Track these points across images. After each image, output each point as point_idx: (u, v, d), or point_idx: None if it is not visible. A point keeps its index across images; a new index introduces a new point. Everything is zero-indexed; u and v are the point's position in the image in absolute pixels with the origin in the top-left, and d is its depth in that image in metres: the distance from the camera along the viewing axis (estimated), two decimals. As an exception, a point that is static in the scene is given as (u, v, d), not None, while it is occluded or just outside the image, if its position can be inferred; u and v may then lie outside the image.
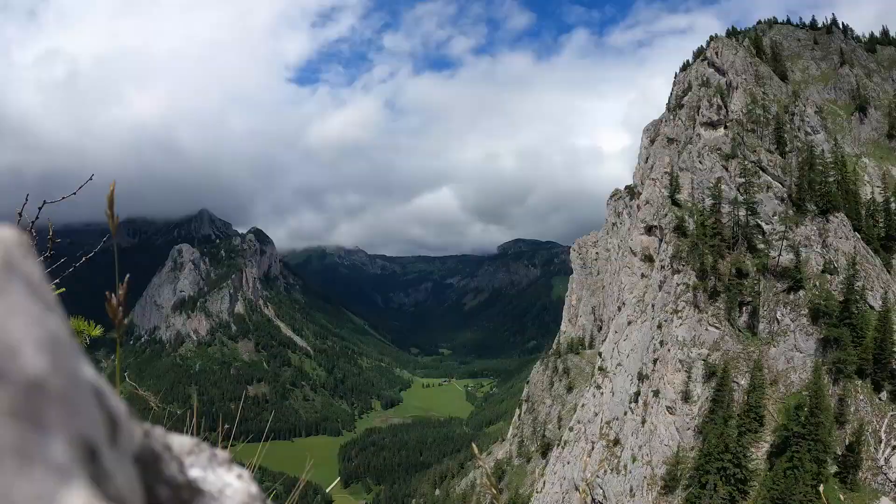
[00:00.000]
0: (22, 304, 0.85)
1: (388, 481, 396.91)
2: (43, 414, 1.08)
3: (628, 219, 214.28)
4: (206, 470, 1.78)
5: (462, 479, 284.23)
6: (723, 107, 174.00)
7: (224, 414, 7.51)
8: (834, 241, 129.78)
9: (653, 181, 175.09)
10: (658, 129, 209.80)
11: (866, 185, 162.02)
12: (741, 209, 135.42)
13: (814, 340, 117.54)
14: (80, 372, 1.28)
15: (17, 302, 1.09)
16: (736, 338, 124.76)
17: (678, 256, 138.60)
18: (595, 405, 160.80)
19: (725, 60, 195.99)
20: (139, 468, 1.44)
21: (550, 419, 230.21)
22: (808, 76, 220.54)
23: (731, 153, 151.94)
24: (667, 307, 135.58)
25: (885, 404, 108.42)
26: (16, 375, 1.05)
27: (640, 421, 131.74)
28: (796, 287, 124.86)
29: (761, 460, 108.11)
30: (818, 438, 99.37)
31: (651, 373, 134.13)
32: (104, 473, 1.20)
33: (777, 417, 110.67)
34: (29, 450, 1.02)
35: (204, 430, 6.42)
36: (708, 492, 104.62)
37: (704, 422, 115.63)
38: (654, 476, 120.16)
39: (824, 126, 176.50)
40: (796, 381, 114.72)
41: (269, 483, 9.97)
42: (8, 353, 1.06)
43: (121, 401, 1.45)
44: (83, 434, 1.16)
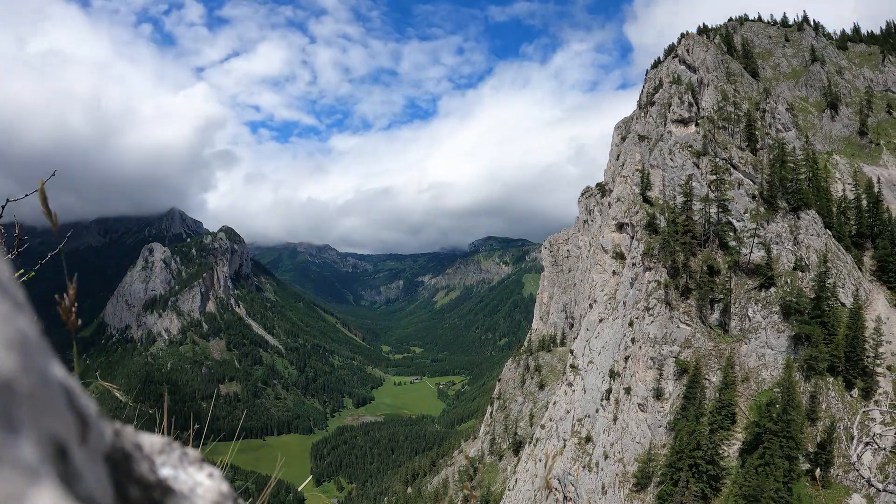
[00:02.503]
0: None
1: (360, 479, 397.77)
2: (12, 414, 1.06)
3: (599, 216, 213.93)
4: (177, 469, 1.78)
5: (434, 477, 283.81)
6: (694, 104, 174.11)
7: (196, 413, 6.90)
8: (805, 238, 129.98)
9: (624, 178, 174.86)
10: (629, 126, 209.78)
11: (837, 183, 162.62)
12: (712, 206, 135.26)
13: (785, 337, 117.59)
14: (50, 371, 1.26)
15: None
16: (707, 335, 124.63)
17: (649, 254, 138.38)
18: (567, 402, 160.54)
19: (697, 58, 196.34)
20: (109, 467, 1.42)
21: (522, 417, 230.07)
22: (779, 73, 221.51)
23: (702, 150, 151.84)
24: (638, 304, 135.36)
25: (856, 401, 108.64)
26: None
27: (612, 418, 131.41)
28: (768, 284, 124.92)
29: (733, 457, 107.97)
30: (790, 435, 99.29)
31: (622, 370, 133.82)
32: (74, 473, 1.18)
33: (749, 414, 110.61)
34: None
35: (175, 429, 6.08)
36: (680, 489, 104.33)
37: (676, 419, 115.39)
38: (626, 473, 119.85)
39: (795, 123, 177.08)
40: (768, 379, 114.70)
41: (240, 481, 9.39)
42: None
43: (91, 400, 1.43)
44: (53, 434, 1.15)
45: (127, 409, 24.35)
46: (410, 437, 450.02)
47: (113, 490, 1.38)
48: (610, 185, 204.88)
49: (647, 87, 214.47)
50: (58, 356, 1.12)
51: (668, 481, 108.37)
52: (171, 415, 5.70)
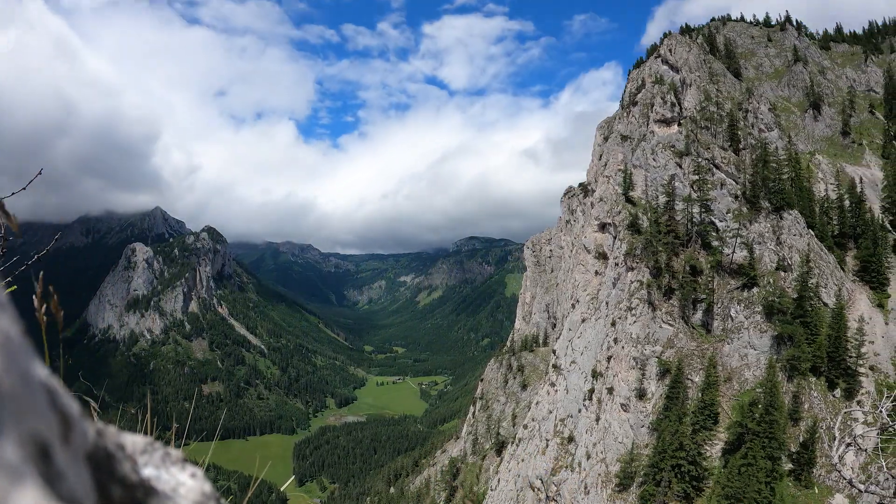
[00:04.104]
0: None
1: (343, 479, 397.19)
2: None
3: (582, 216, 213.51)
4: (159, 469, 1.77)
5: (417, 477, 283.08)
6: (676, 104, 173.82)
7: (178, 413, 6.49)
8: (788, 238, 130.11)
9: (606, 178, 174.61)
10: (612, 126, 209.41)
11: (820, 183, 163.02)
12: (695, 206, 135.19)
13: (768, 337, 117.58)
14: (33, 371, 1.26)
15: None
16: (690, 335, 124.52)
17: (632, 254, 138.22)
18: (549, 402, 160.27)
19: (679, 58, 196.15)
20: (92, 467, 1.41)
21: (505, 417, 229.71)
22: (761, 73, 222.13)
23: (684, 150, 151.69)
24: (620, 304, 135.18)
25: (839, 401, 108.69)
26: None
27: (595, 418, 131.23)
28: (750, 284, 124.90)
29: (716, 457, 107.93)
30: (772, 436, 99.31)
31: (605, 370, 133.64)
32: (57, 473, 1.18)
33: (731, 415, 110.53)
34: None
35: (157, 429, 6.25)
36: (662, 489, 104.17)
37: (659, 419, 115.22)
38: (609, 473, 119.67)
39: (778, 123, 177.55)
40: (750, 379, 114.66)
41: (223, 481, 9.08)
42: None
43: (73, 400, 1.42)
44: (35, 434, 1.14)
45: (109, 409, 23.72)
46: (393, 437, 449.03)
47: (95, 490, 1.38)
48: (592, 185, 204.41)
49: (630, 87, 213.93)
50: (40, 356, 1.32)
51: (650, 481, 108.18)
52: (153, 415, 5.77)
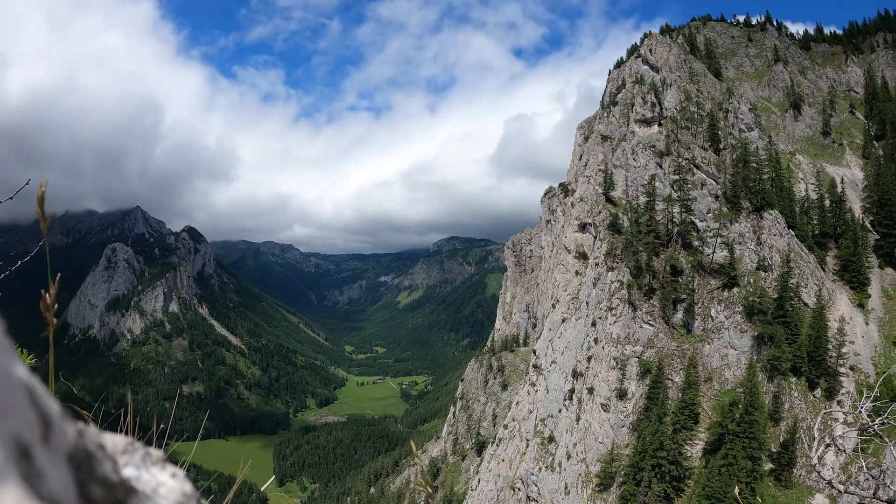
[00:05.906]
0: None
1: (323, 479, 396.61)
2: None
3: (562, 216, 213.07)
4: (139, 469, 1.77)
5: (397, 477, 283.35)
6: (657, 104, 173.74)
7: (159, 413, 6.18)
8: (768, 238, 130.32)
9: (587, 178, 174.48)
10: (592, 126, 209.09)
11: (800, 183, 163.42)
12: (675, 206, 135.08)
13: (748, 338, 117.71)
14: (13, 371, 1.26)
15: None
16: (670, 335, 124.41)
17: (612, 254, 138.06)
18: (530, 403, 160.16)
19: (659, 58, 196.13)
20: (72, 467, 1.41)
21: (485, 417, 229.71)
22: (742, 73, 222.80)
23: (665, 150, 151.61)
24: (601, 304, 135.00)
25: (819, 401, 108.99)
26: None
27: (575, 418, 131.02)
28: (731, 284, 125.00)
29: (696, 458, 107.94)
30: (753, 436, 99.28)
31: (585, 370, 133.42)
32: (37, 473, 1.18)
33: (712, 415, 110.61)
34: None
35: (138, 429, 5.86)
36: (643, 489, 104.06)
37: (639, 419, 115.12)
38: (589, 473, 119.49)
39: (758, 123, 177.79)
40: (731, 379, 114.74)
41: (203, 481, 8.78)
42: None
43: (54, 400, 1.42)
44: (15, 434, 1.14)
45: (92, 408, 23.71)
46: (373, 437, 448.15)
47: (76, 490, 1.37)
48: (573, 185, 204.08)
49: (610, 86, 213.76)
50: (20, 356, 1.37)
51: (630, 481, 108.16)
52: (134, 415, 5.50)
